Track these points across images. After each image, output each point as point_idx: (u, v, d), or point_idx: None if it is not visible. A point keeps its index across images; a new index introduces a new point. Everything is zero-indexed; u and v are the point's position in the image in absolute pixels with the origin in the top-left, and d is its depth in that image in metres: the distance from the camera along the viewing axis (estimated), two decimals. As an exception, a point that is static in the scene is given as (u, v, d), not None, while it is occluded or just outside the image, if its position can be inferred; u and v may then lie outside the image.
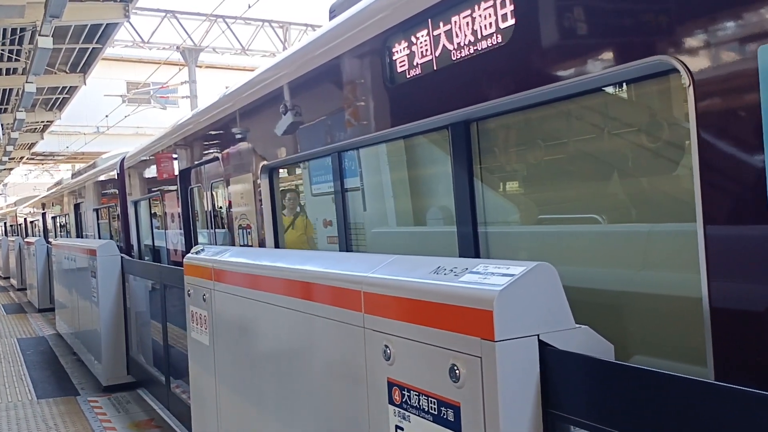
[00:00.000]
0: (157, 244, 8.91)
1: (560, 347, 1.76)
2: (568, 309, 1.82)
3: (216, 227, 6.49)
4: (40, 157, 35.79)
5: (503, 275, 1.81)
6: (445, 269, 2.04)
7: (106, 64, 22.85)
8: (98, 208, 12.43)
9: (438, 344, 1.92)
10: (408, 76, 3.13)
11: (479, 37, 2.66)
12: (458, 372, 1.82)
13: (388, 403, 2.18)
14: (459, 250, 3.13)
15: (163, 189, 7.97)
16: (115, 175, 10.34)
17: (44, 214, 21.67)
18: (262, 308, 3.23)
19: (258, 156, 5.03)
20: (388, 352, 2.16)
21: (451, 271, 2.00)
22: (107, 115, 26.43)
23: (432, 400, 1.95)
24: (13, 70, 14.59)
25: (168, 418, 6.70)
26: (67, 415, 7.25)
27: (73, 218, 15.42)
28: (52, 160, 37.73)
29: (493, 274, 1.85)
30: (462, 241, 3.11)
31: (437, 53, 2.92)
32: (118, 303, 8.32)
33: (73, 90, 18.05)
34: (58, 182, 21.77)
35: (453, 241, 3.20)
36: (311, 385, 2.78)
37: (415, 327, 2.03)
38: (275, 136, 4.68)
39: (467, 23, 2.72)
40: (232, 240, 5.79)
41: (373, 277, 2.31)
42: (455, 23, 2.79)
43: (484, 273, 1.88)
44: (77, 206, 14.76)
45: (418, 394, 2.02)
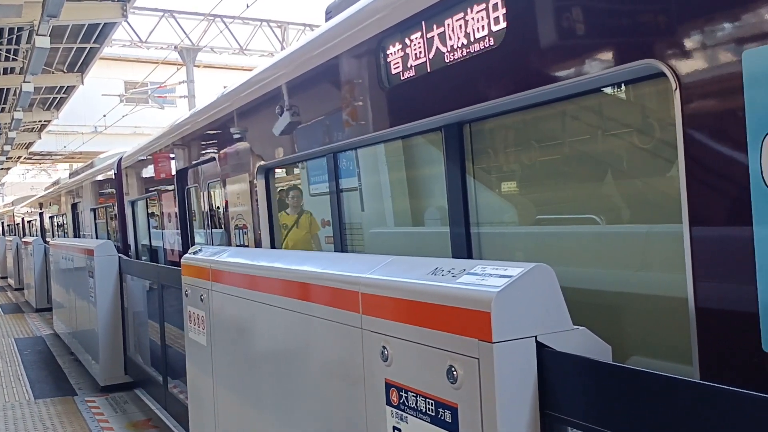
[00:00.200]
0: (154, 244, 8.90)
1: (558, 349, 1.76)
2: (565, 310, 1.82)
3: (213, 227, 6.48)
4: (37, 157, 35.75)
5: (501, 276, 1.81)
6: (442, 270, 2.04)
7: (103, 63, 22.79)
8: (95, 207, 12.41)
9: (435, 345, 1.92)
10: (402, 78, 3.14)
11: (472, 39, 2.68)
12: (456, 373, 1.82)
13: (386, 404, 2.17)
14: (452, 251, 3.14)
15: (161, 189, 7.96)
16: (113, 174, 10.33)
17: (41, 214, 21.63)
18: (259, 309, 3.23)
19: (254, 156, 5.03)
20: (386, 353, 2.16)
21: (449, 272, 2.00)
22: (105, 115, 26.41)
23: (429, 402, 1.95)
24: (11, 70, 14.56)
25: (165, 418, 6.69)
26: (65, 415, 7.24)
27: (70, 218, 15.40)
28: (49, 159, 37.70)
29: (490, 275, 1.85)
30: (455, 241, 3.12)
31: (431, 55, 2.93)
32: (116, 303, 8.30)
33: (70, 90, 18.02)
34: (56, 182, 21.74)
35: (446, 242, 3.21)
36: (309, 386, 2.78)
37: (412, 328, 2.03)
38: (271, 137, 4.68)
39: (460, 26, 2.73)
40: (228, 240, 5.79)
41: (371, 278, 2.31)
42: (448, 26, 2.80)
43: (482, 274, 1.88)
44: (74, 206, 14.74)
45: (415, 395, 2.02)
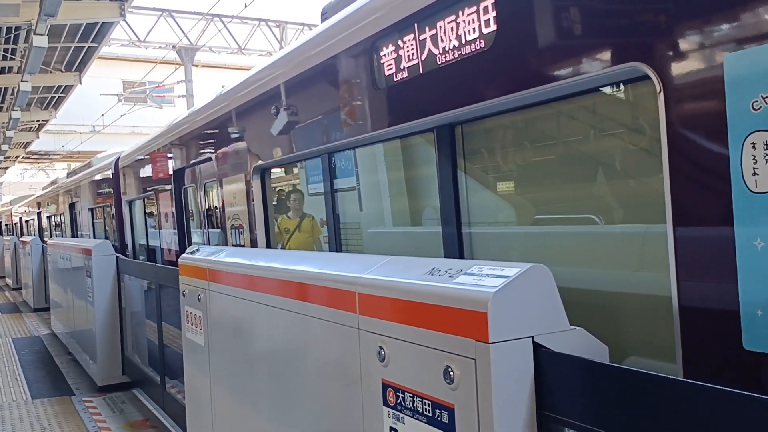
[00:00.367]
0: (151, 244, 8.89)
1: (555, 349, 1.75)
2: (562, 310, 1.82)
3: (209, 227, 6.49)
4: (35, 156, 35.70)
5: (498, 277, 1.80)
6: (439, 270, 2.03)
7: (102, 63, 22.75)
8: (93, 207, 12.40)
9: (432, 346, 1.91)
10: (395, 80, 3.17)
11: (463, 42, 2.70)
12: (452, 374, 1.81)
13: (383, 404, 2.17)
14: (444, 251, 3.16)
15: (158, 189, 7.96)
16: (110, 174, 10.32)
17: (39, 214, 21.62)
18: (257, 309, 3.22)
19: (249, 157, 5.04)
20: (383, 353, 2.15)
21: (446, 272, 1.99)
22: (103, 114, 26.37)
23: (426, 402, 1.94)
24: (9, 69, 14.54)
25: (163, 418, 6.69)
26: (62, 415, 7.23)
27: (68, 217, 15.39)
28: (47, 159, 37.65)
29: (487, 275, 1.84)
30: (447, 241, 3.14)
31: (423, 57, 2.95)
32: (114, 303, 8.29)
33: (68, 89, 18.00)
34: (54, 181, 21.72)
35: (437, 241, 3.22)
36: (306, 387, 2.78)
37: (409, 328, 2.02)
38: (266, 138, 4.69)
39: (452, 28, 2.76)
40: (224, 240, 5.79)
41: (368, 278, 2.31)
42: (440, 28, 2.82)
43: (479, 274, 1.87)
44: (72, 206, 14.73)
45: (412, 395, 2.01)
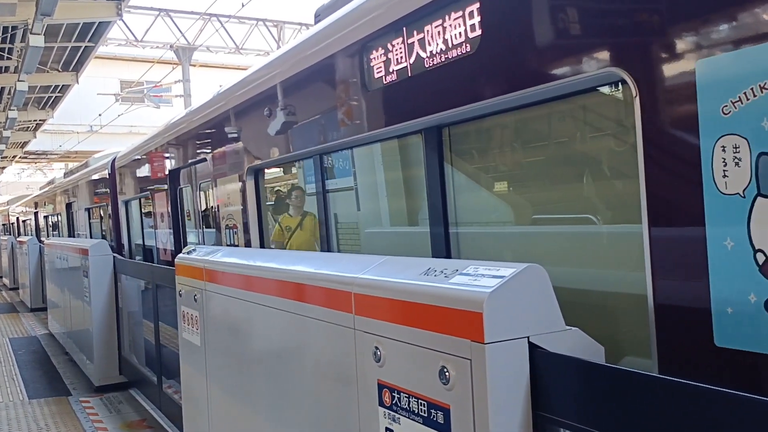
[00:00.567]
0: (147, 244, 8.88)
1: (550, 349, 1.75)
2: (558, 311, 1.82)
3: (205, 227, 6.49)
4: (32, 156, 35.61)
5: (493, 277, 1.80)
6: (435, 271, 2.03)
7: (99, 62, 22.72)
8: (90, 207, 12.39)
9: (428, 346, 1.91)
10: (384, 82, 3.21)
11: (450, 46, 2.75)
12: (448, 374, 1.81)
13: (378, 405, 2.17)
14: (432, 251, 3.18)
15: (154, 189, 7.95)
16: (107, 174, 10.30)
17: (36, 213, 21.58)
18: (253, 309, 3.22)
19: (244, 157, 5.05)
20: (379, 353, 2.15)
21: (442, 272, 1.99)
22: (100, 114, 26.29)
23: (422, 402, 1.94)
24: (5, 69, 14.50)
25: (160, 418, 6.68)
26: (59, 416, 7.22)
27: (65, 217, 15.36)
28: (45, 159, 37.57)
29: (483, 275, 1.84)
30: (435, 241, 3.17)
31: (411, 60, 2.99)
32: (111, 303, 8.28)
33: (65, 89, 17.96)
34: (51, 181, 21.69)
35: (425, 241, 3.26)
36: (302, 387, 2.78)
37: (405, 329, 2.02)
38: (258, 139, 4.72)
39: (439, 32, 2.81)
40: (219, 240, 5.79)
41: (364, 278, 2.30)
42: (428, 32, 2.87)
43: (474, 275, 1.87)
44: (69, 205, 14.71)
45: (408, 396, 2.01)
